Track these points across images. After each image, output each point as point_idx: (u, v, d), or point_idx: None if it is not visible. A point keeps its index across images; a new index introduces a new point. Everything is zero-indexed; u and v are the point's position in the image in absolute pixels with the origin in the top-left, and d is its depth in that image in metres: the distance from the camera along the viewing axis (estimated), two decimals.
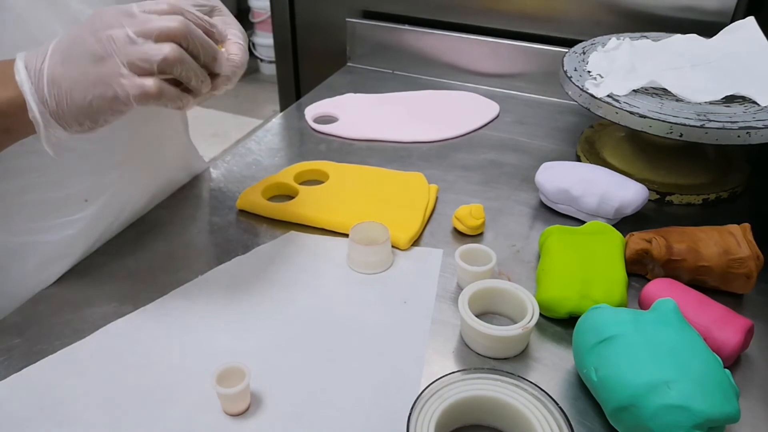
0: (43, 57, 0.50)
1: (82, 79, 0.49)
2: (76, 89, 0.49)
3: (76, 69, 0.49)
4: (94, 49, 0.48)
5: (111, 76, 0.48)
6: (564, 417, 0.48)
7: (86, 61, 0.49)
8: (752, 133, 0.71)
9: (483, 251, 0.66)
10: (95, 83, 0.49)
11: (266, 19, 2.90)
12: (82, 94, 0.49)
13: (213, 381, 0.51)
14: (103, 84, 0.48)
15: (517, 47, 1.10)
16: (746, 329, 0.56)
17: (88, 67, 0.49)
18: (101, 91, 0.49)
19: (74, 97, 0.49)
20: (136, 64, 0.48)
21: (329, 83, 1.16)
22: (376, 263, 0.68)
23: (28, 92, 0.49)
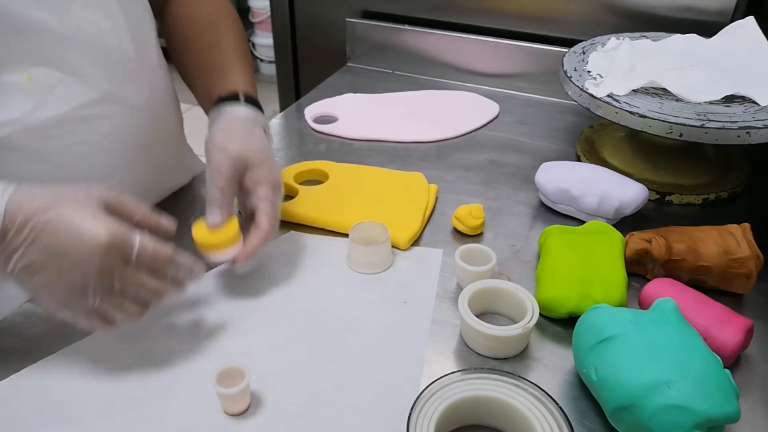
0: (26, 238, 0.48)
1: (49, 295, 0.51)
2: (43, 294, 0.51)
3: (50, 282, 0.50)
4: (74, 281, 0.49)
5: (77, 311, 0.52)
6: (564, 417, 0.48)
7: (61, 284, 0.50)
8: (752, 133, 0.71)
9: (483, 251, 0.66)
10: (61, 306, 0.52)
11: (266, 19, 2.90)
12: (45, 300, 0.52)
13: (213, 381, 0.51)
14: (66, 311, 0.52)
15: (517, 47, 1.09)
16: (746, 329, 0.56)
17: (61, 291, 0.50)
18: (64, 314, 0.52)
19: (39, 295, 0.51)
20: (103, 315, 0.52)
21: (329, 83, 1.16)
22: (376, 263, 0.68)
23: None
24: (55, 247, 0.48)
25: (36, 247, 0.48)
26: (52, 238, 0.48)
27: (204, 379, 0.53)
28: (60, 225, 0.48)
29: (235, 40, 0.76)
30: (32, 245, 0.48)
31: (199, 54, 0.75)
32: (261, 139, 0.66)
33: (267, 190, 0.63)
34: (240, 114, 0.67)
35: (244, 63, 0.74)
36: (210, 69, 0.74)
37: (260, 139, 0.65)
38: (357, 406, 0.53)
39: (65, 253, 0.48)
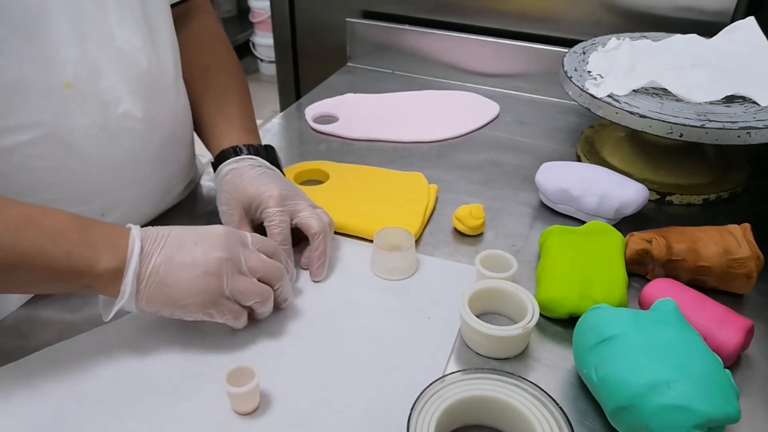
0: (158, 245, 0.55)
1: (190, 284, 0.54)
2: (178, 288, 0.54)
3: (186, 272, 0.55)
4: (210, 265, 0.55)
5: (216, 294, 0.55)
6: (564, 417, 0.48)
7: (198, 270, 0.55)
8: (752, 133, 0.71)
9: (503, 258, 0.66)
10: (200, 291, 0.55)
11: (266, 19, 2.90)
12: (181, 295, 0.54)
13: (223, 380, 0.51)
14: (206, 296, 0.55)
15: (517, 47, 1.09)
16: (746, 329, 0.56)
17: (199, 277, 0.55)
18: (201, 301, 0.55)
19: (173, 292, 0.54)
20: (237, 294, 0.56)
21: (329, 83, 1.16)
22: (401, 269, 0.67)
23: (131, 272, 0.53)
24: (187, 240, 0.56)
25: (169, 245, 0.55)
26: (183, 237, 0.56)
27: (215, 377, 0.53)
28: (185, 231, 0.57)
29: (231, 88, 0.78)
30: (166, 245, 0.55)
31: (194, 102, 0.77)
32: (259, 176, 0.68)
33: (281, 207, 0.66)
34: (231, 168, 0.69)
35: (239, 111, 0.76)
36: (203, 120, 0.77)
37: (258, 176, 0.68)
38: (365, 415, 0.53)
39: (198, 240, 0.56)
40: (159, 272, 0.54)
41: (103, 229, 0.55)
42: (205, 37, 0.81)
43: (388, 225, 0.70)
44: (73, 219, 0.54)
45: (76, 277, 0.53)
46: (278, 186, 0.67)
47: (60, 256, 0.52)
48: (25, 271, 0.51)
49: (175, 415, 0.53)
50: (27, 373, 0.56)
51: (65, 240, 0.52)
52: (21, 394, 0.54)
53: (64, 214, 0.54)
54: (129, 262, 0.53)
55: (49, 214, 0.53)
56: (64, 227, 0.53)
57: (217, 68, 0.79)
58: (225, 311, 0.56)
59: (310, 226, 0.66)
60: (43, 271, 0.52)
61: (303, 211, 0.67)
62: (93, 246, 0.53)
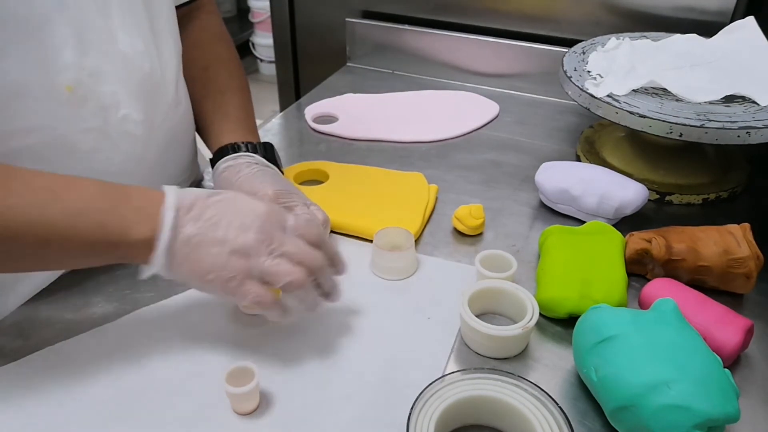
0: (192, 216, 0.53)
1: (216, 260, 0.52)
2: (205, 262, 0.52)
3: (216, 248, 0.52)
4: (239, 245, 0.52)
5: (241, 272, 0.52)
6: (564, 417, 0.48)
7: (226, 248, 0.52)
8: (752, 132, 0.71)
9: (503, 257, 0.66)
10: (224, 268, 0.52)
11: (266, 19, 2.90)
12: (207, 268, 0.52)
13: (223, 380, 0.51)
14: (230, 274, 0.52)
15: (517, 47, 1.09)
16: (746, 329, 0.56)
17: (225, 254, 0.52)
18: (225, 277, 0.52)
19: (200, 266, 0.52)
20: (266, 275, 0.53)
21: (329, 83, 1.16)
22: (400, 269, 0.67)
23: (162, 245, 0.51)
24: (224, 215, 0.53)
25: (205, 217, 0.53)
26: (220, 212, 0.53)
27: (215, 377, 0.53)
28: (224, 203, 0.54)
29: (231, 87, 0.78)
30: (201, 218, 0.53)
31: (194, 101, 0.77)
32: (255, 174, 0.68)
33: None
34: (227, 165, 0.69)
35: (237, 110, 0.76)
36: (203, 118, 0.77)
37: (254, 174, 0.68)
38: (362, 409, 0.53)
39: (234, 218, 0.53)
40: (189, 244, 0.52)
41: (135, 195, 0.53)
42: (206, 37, 0.81)
43: (388, 225, 0.70)
44: (101, 187, 0.53)
45: (111, 248, 0.51)
46: (272, 184, 0.67)
47: (91, 228, 0.50)
48: (57, 246, 0.50)
49: (175, 415, 0.53)
50: (27, 373, 0.56)
51: (95, 211, 0.51)
52: (21, 395, 0.54)
53: (90, 182, 0.53)
54: (160, 234, 0.51)
55: (77, 185, 0.52)
56: (93, 197, 0.52)
57: (216, 67, 0.79)
58: (248, 293, 0.53)
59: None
60: (77, 244, 0.51)
61: (296, 209, 0.66)
62: (124, 215, 0.52)
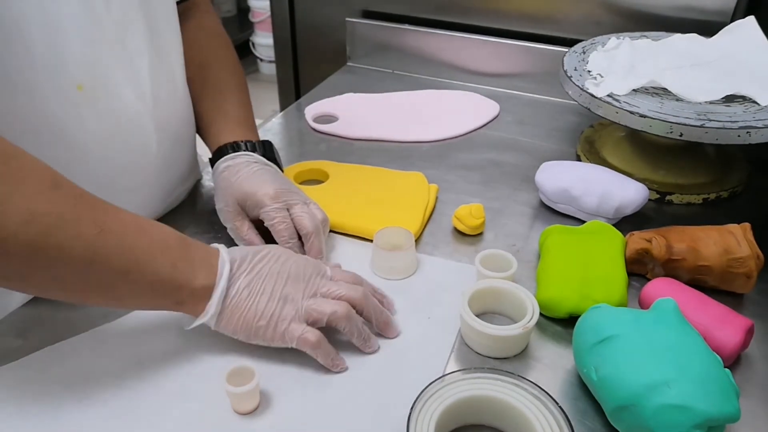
0: (243, 270, 0.56)
1: (265, 307, 0.55)
2: (255, 310, 0.55)
3: (265, 296, 0.56)
4: (288, 292, 0.56)
5: (288, 315, 0.55)
6: (564, 417, 0.48)
7: (277, 295, 0.56)
8: (752, 132, 0.71)
9: (503, 257, 0.66)
10: (273, 313, 0.55)
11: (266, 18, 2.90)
12: (257, 315, 0.55)
13: (223, 379, 0.51)
14: (276, 320, 0.55)
15: (517, 47, 1.09)
16: (746, 329, 0.56)
17: (276, 301, 0.56)
18: (274, 322, 0.55)
19: (249, 313, 0.55)
20: (310, 312, 0.56)
21: (329, 83, 1.16)
22: (400, 269, 0.67)
23: (219, 292, 0.54)
24: (272, 268, 0.57)
25: (255, 271, 0.57)
26: (266, 265, 0.57)
27: (215, 377, 0.54)
28: (270, 257, 0.58)
29: (229, 85, 0.78)
30: (252, 271, 0.56)
31: (192, 100, 0.77)
32: (254, 173, 0.69)
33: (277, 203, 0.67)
34: (227, 164, 0.70)
35: (236, 108, 0.77)
36: (202, 117, 0.77)
37: (254, 174, 0.69)
38: (362, 409, 0.53)
39: (281, 270, 0.57)
40: (241, 294, 0.55)
41: (199, 247, 0.56)
42: (203, 35, 0.81)
43: (388, 225, 0.70)
44: (174, 233, 0.55)
45: (175, 290, 0.53)
46: (272, 183, 0.67)
47: (166, 268, 0.52)
48: (132, 278, 0.51)
49: (175, 415, 0.53)
50: (28, 373, 0.56)
51: (172, 252, 0.53)
52: (22, 394, 0.54)
53: (166, 227, 0.55)
54: (218, 282, 0.54)
55: (155, 225, 0.55)
56: (170, 240, 0.54)
57: (214, 66, 0.79)
58: (294, 333, 0.55)
59: (302, 226, 0.66)
60: (149, 280, 0.52)
61: (295, 208, 0.66)
62: (192, 261, 0.54)
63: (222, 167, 0.69)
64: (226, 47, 0.82)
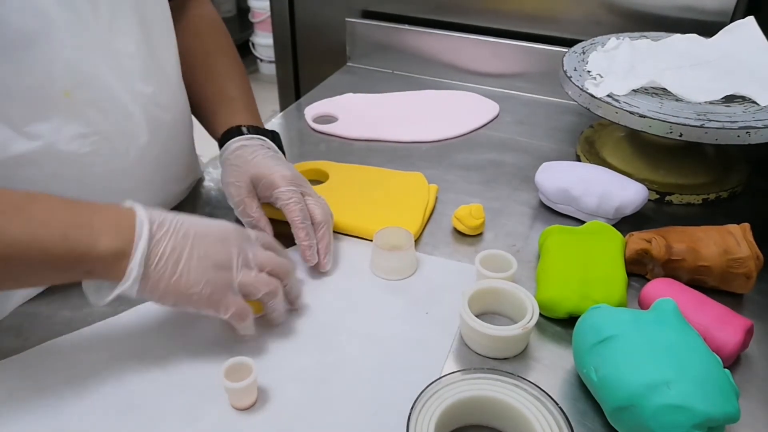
0: (168, 232, 0.53)
1: (195, 275, 0.53)
2: (188, 277, 0.53)
3: (196, 263, 0.53)
4: (222, 258, 0.54)
5: (223, 287, 0.54)
6: (564, 417, 0.48)
7: (209, 262, 0.54)
8: (752, 132, 0.71)
9: (503, 257, 0.66)
10: (207, 284, 0.53)
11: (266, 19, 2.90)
12: (190, 283, 0.53)
13: (221, 375, 0.51)
14: (212, 289, 0.54)
15: (517, 47, 1.09)
16: (746, 329, 0.56)
17: (209, 268, 0.54)
18: (208, 293, 0.53)
19: (182, 281, 0.53)
20: (248, 287, 0.55)
21: (329, 83, 1.16)
22: (400, 269, 0.67)
23: (139, 255, 0.51)
24: (198, 231, 0.55)
25: (181, 233, 0.54)
26: (193, 227, 0.55)
27: (214, 372, 0.54)
28: (195, 220, 0.56)
29: (232, 72, 0.79)
30: (176, 233, 0.54)
31: (196, 87, 0.77)
32: (264, 157, 0.69)
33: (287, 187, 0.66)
34: (241, 144, 0.70)
35: (242, 94, 0.77)
36: (207, 102, 0.77)
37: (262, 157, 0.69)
38: (361, 407, 0.53)
39: (208, 233, 0.55)
40: (169, 259, 0.52)
41: (103, 209, 0.52)
42: (204, 25, 0.81)
43: (388, 225, 0.70)
44: (63, 201, 0.51)
45: (75, 261, 0.50)
46: (289, 168, 0.68)
47: (55, 240, 0.49)
48: (18, 261, 0.49)
49: (172, 410, 0.53)
50: (28, 368, 0.56)
51: (58, 222, 0.50)
52: (22, 389, 0.54)
53: (50, 197, 0.51)
54: (137, 244, 0.51)
55: (38, 199, 0.51)
56: (55, 210, 0.51)
57: (217, 54, 0.79)
58: (231, 305, 0.54)
59: (314, 214, 0.66)
60: (40, 259, 0.49)
61: (307, 197, 0.67)
62: (90, 226, 0.50)
63: (236, 146, 0.69)
64: (227, 37, 0.82)
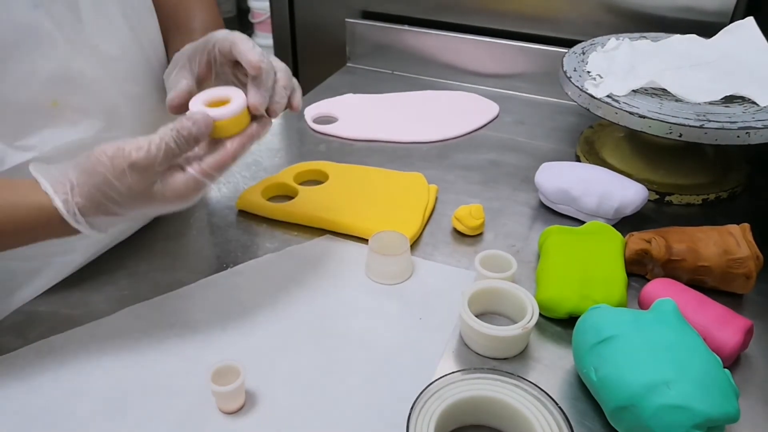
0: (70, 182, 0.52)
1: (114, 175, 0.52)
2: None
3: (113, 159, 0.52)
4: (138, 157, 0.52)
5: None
6: (564, 417, 0.48)
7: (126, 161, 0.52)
8: (751, 133, 0.71)
9: (503, 258, 0.66)
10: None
11: (266, 19, 2.90)
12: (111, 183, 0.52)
13: (208, 378, 0.51)
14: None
15: (517, 47, 1.10)
16: (746, 329, 0.56)
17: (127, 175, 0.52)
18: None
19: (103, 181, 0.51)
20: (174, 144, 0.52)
21: (329, 83, 1.16)
22: (395, 274, 0.67)
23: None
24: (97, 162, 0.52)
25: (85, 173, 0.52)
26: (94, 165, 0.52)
27: (203, 375, 0.53)
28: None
29: (201, 15, 0.73)
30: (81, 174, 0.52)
31: (165, 14, 0.72)
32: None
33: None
34: None
35: (204, 28, 0.71)
36: (166, 43, 0.72)
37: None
38: (355, 409, 0.53)
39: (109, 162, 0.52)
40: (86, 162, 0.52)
41: (10, 185, 0.52)
42: None
43: (388, 225, 0.70)
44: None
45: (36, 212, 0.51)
46: None
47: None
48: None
49: (161, 412, 0.53)
50: (20, 366, 0.56)
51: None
52: (13, 387, 0.54)
53: None
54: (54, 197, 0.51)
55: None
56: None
57: (187, 4, 0.74)
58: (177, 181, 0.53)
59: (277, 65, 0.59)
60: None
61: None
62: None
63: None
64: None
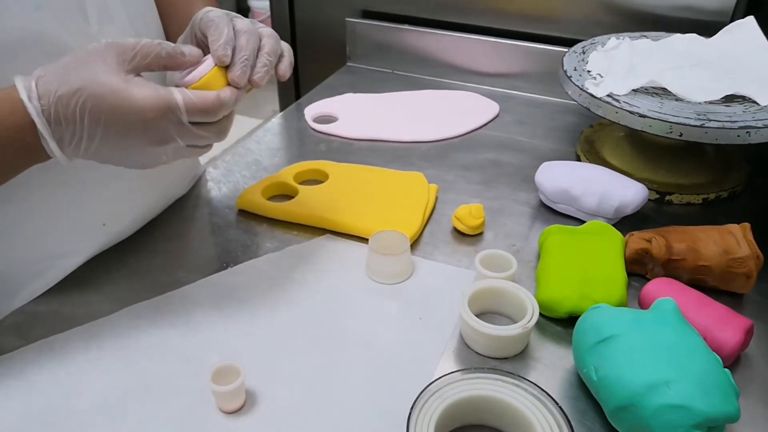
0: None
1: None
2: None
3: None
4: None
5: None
6: (564, 417, 0.48)
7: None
8: (752, 132, 0.71)
9: (503, 257, 0.66)
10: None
11: (266, 19, 2.90)
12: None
13: (208, 378, 0.51)
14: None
15: (517, 47, 1.09)
16: (746, 329, 0.56)
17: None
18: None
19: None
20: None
21: (329, 83, 1.16)
22: (395, 273, 0.67)
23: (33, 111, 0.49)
24: (106, 117, 0.49)
25: (88, 123, 0.49)
26: (100, 113, 0.49)
27: (204, 374, 0.53)
28: (102, 102, 0.49)
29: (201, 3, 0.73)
30: (83, 123, 0.49)
31: (167, 13, 0.73)
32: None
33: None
34: None
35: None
36: (178, 25, 0.71)
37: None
38: (355, 409, 0.53)
39: (118, 122, 0.50)
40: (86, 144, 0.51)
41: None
42: None
43: (388, 225, 0.70)
44: None
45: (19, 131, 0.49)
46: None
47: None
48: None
49: (161, 412, 0.53)
50: (20, 366, 0.56)
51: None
52: (12, 386, 0.54)
53: None
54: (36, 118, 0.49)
55: None
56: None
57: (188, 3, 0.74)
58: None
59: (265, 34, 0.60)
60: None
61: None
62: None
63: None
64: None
